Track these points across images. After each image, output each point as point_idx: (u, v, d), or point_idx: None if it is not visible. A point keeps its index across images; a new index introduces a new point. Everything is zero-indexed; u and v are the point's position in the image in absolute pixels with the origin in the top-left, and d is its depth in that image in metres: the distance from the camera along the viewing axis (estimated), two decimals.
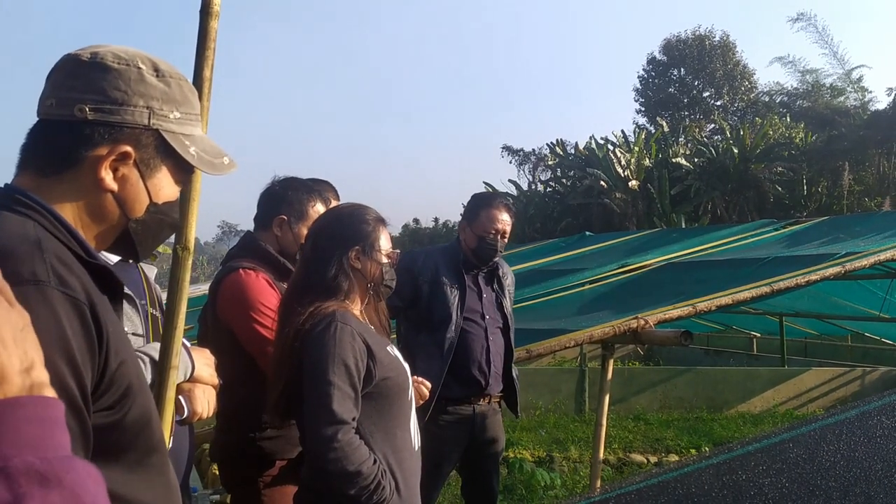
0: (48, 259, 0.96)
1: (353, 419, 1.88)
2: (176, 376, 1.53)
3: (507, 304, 3.40)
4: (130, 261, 1.79)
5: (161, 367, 1.51)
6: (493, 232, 3.28)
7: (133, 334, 1.73)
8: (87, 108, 1.08)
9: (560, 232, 22.37)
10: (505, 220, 3.33)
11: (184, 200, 1.48)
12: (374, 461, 1.89)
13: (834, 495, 1.76)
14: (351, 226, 2.08)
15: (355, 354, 1.91)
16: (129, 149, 1.10)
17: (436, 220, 35.92)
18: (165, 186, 1.18)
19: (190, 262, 1.54)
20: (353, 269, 2.04)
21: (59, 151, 1.09)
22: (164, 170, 1.17)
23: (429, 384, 2.44)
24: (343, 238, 2.05)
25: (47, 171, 1.09)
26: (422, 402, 2.38)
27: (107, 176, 1.10)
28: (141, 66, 1.13)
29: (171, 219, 1.25)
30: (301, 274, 2.08)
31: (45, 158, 1.10)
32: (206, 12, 1.50)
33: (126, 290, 1.85)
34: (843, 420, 1.93)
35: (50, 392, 0.72)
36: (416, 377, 2.36)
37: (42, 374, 0.73)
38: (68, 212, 1.09)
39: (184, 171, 1.21)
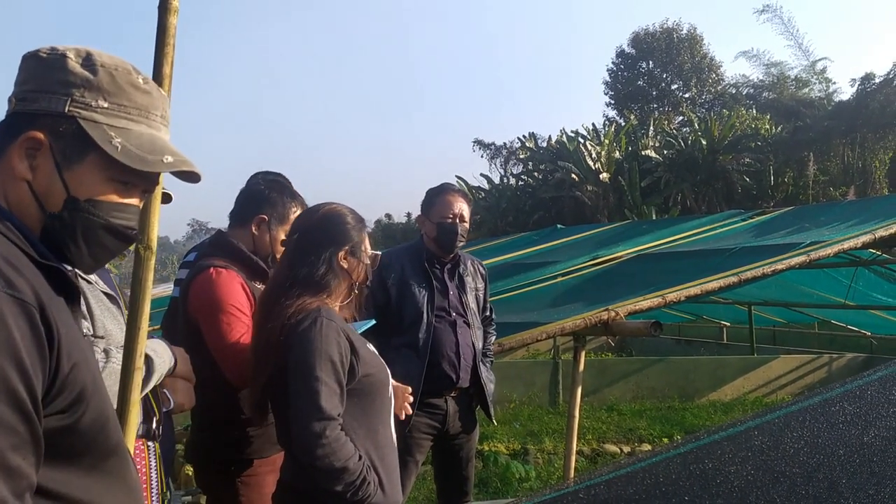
0: None
1: (339, 415, 1.89)
2: (140, 378, 1.51)
3: (467, 299, 3.38)
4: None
5: (124, 369, 1.48)
6: (451, 216, 3.29)
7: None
8: (14, 98, 1.08)
9: (533, 225, 22.46)
10: (460, 202, 3.35)
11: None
12: (360, 457, 1.90)
13: (798, 481, 1.79)
14: (342, 225, 2.11)
15: (340, 350, 1.92)
16: (39, 135, 1.06)
17: (408, 214, 35.78)
18: (89, 181, 1.09)
19: (153, 262, 1.52)
20: (341, 268, 2.07)
21: None
22: (87, 162, 1.08)
23: (410, 398, 2.38)
24: (334, 237, 2.08)
25: None
26: (404, 415, 2.33)
27: (20, 164, 1.06)
28: (69, 55, 1.10)
29: (106, 221, 1.12)
30: (286, 270, 2.08)
31: None
32: (164, 8, 1.48)
33: (108, 290, 1.84)
34: (807, 407, 1.97)
35: None
36: (399, 385, 2.32)
37: None
38: None
39: (117, 167, 1.10)
